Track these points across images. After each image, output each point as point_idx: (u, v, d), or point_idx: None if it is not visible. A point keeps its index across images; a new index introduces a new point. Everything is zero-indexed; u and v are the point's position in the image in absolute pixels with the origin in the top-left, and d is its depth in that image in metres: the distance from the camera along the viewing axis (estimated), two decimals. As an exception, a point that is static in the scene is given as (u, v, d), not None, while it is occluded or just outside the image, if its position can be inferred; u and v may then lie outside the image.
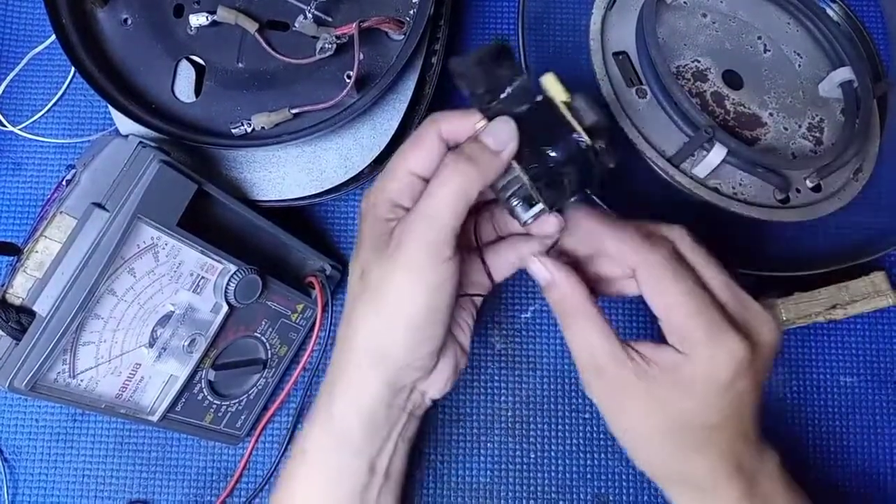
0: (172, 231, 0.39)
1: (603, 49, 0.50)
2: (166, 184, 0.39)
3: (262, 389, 0.48)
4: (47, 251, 0.38)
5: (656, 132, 0.48)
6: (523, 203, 0.35)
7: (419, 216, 0.34)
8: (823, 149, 0.51)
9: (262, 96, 0.45)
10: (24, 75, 0.53)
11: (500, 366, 0.51)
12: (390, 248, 0.34)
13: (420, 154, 0.35)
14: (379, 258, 0.35)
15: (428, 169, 0.36)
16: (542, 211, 0.35)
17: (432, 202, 0.33)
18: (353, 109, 0.43)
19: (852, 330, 0.52)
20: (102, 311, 0.39)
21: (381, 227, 0.36)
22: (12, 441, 0.49)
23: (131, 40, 0.45)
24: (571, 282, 0.36)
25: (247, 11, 0.44)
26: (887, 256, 0.52)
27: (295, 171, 0.47)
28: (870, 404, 0.51)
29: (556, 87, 0.34)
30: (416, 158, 0.35)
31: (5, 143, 0.52)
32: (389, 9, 0.46)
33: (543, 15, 0.52)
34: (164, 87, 0.45)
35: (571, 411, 0.50)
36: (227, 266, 0.43)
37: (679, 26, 0.52)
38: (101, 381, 0.40)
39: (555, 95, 0.34)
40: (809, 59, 0.54)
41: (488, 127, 0.34)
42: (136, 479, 0.49)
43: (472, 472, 0.50)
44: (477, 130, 0.35)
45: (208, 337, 0.44)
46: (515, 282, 0.52)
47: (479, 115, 0.35)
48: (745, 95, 0.51)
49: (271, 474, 0.49)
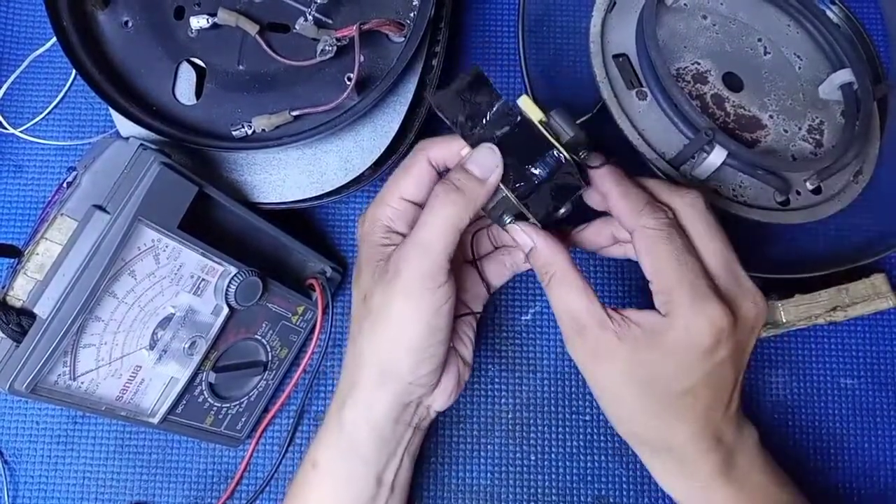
0: (173, 233, 0.39)
1: (603, 51, 0.50)
2: (167, 186, 0.39)
3: (263, 391, 0.48)
4: (48, 253, 0.38)
5: (656, 134, 0.48)
6: (514, 220, 0.37)
7: (413, 246, 0.36)
8: (823, 151, 0.51)
9: (263, 98, 0.45)
10: (25, 78, 0.53)
11: (501, 368, 0.51)
12: (388, 275, 0.36)
13: (411, 181, 0.38)
14: (379, 285, 0.37)
15: (419, 194, 0.38)
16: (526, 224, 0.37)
17: (425, 232, 0.36)
18: (353, 112, 0.43)
19: (853, 332, 0.52)
20: (103, 313, 0.39)
21: (377, 252, 0.38)
22: (13, 443, 0.49)
23: (132, 42, 0.45)
24: (552, 246, 0.37)
25: (247, 13, 0.44)
26: (887, 258, 0.52)
27: (295, 174, 0.47)
28: (870, 406, 0.51)
29: (532, 108, 0.36)
30: (407, 185, 0.38)
31: (6, 146, 0.52)
32: (390, 11, 0.46)
33: (543, 17, 0.52)
34: (164, 90, 0.45)
35: (572, 413, 0.50)
36: (228, 268, 0.43)
37: (679, 28, 0.52)
38: (102, 384, 0.40)
39: (532, 116, 0.36)
40: (809, 62, 0.54)
41: (473, 155, 0.36)
42: (137, 481, 0.49)
43: (473, 475, 0.50)
44: (462, 158, 0.37)
45: (209, 339, 0.44)
46: (516, 284, 0.52)
47: (463, 141, 0.37)
48: (746, 98, 0.51)
49: (272, 476, 0.48)
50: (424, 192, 0.39)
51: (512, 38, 0.55)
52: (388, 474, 0.40)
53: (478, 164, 0.36)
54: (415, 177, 0.38)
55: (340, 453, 0.39)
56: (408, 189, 0.38)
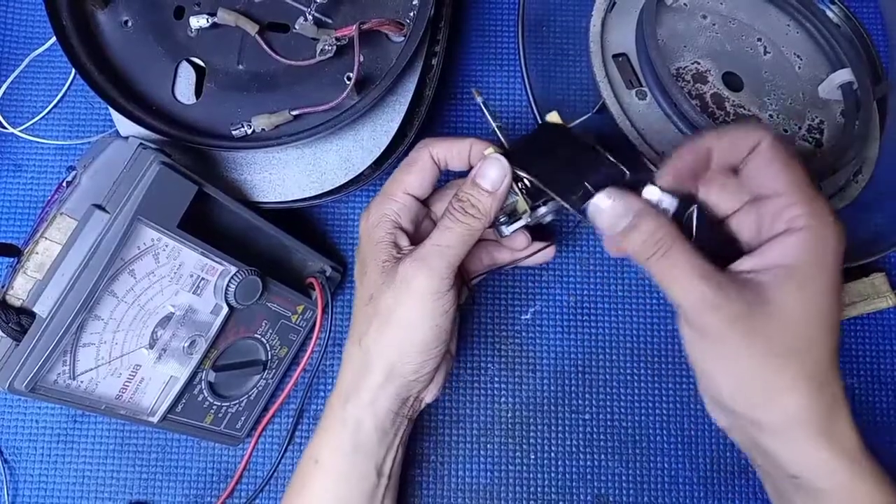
0: (173, 232, 0.39)
1: (603, 51, 0.50)
2: (167, 185, 0.39)
3: (262, 390, 0.48)
4: (47, 252, 0.38)
5: (656, 134, 0.48)
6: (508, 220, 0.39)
7: (429, 255, 0.37)
8: (823, 150, 0.51)
9: (263, 98, 0.45)
10: (25, 77, 0.53)
11: (500, 367, 0.51)
12: (398, 280, 0.37)
13: (415, 177, 0.40)
14: (388, 287, 0.38)
15: (423, 190, 0.40)
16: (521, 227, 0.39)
17: (442, 243, 0.37)
18: (353, 111, 0.43)
19: (852, 331, 0.52)
20: (103, 312, 0.39)
21: (383, 251, 0.39)
22: (12, 442, 0.49)
23: (132, 42, 0.45)
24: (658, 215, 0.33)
25: (247, 13, 0.44)
26: (887, 258, 0.52)
27: (295, 173, 0.47)
28: (870, 406, 0.51)
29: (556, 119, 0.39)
30: (412, 180, 0.40)
31: (6, 145, 0.52)
32: (389, 11, 0.46)
33: (543, 17, 0.52)
34: (164, 89, 0.45)
35: (571, 412, 0.50)
36: (228, 267, 0.43)
37: (679, 28, 0.52)
38: (102, 383, 0.41)
39: None
40: (809, 61, 0.54)
41: (481, 169, 0.37)
42: (136, 480, 0.49)
43: (473, 474, 0.50)
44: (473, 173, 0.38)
45: (208, 338, 0.44)
46: (515, 284, 0.52)
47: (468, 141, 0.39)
48: (745, 97, 0.51)
49: (271, 475, 0.49)
50: (427, 188, 0.40)
51: (512, 38, 0.55)
52: (387, 465, 0.41)
53: (487, 177, 0.37)
54: (419, 172, 0.40)
55: (344, 449, 0.40)
56: (412, 184, 0.40)
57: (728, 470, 0.50)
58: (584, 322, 0.51)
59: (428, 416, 0.50)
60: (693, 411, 0.50)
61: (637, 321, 0.51)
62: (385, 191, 0.40)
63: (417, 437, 0.50)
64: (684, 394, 0.50)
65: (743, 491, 0.49)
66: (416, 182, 0.40)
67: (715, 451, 0.50)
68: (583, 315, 0.51)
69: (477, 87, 0.53)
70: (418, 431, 0.50)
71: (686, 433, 0.50)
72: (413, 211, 0.40)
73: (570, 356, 0.51)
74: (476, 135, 0.53)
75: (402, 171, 0.40)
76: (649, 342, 0.51)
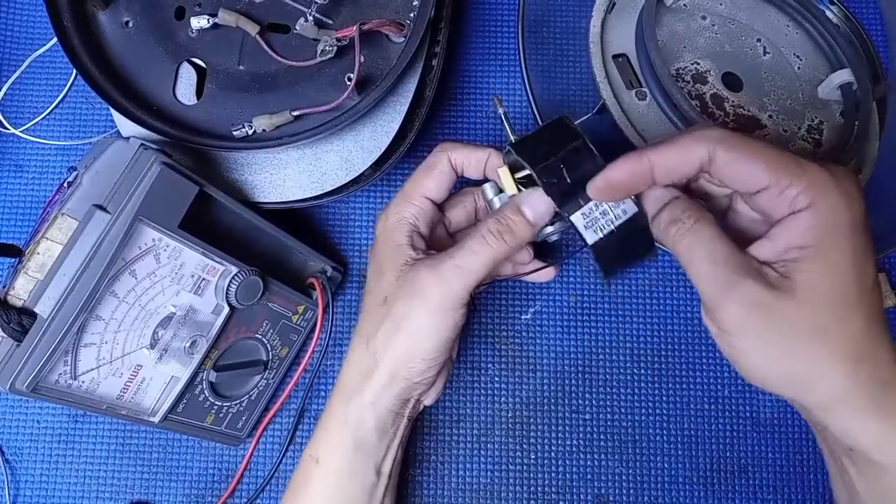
0: (174, 233, 0.39)
1: (603, 51, 0.50)
2: (168, 186, 0.39)
3: (263, 391, 0.48)
4: (49, 253, 0.38)
5: (656, 134, 0.48)
6: None
7: (454, 269, 0.37)
8: (823, 151, 0.51)
9: (264, 98, 0.45)
10: (26, 78, 0.53)
11: (501, 367, 0.51)
12: (416, 289, 0.37)
13: (434, 181, 0.40)
14: (404, 294, 0.38)
15: (440, 194, 0.40)
16: None
17: (470, 260, 0.37)
18: (353, 112, 0.43)
19: (852, 331, 0.52)
20: (104, 312, 0.39)
21: (401, 254, 0.39)
22: (13, 442, 0.49)
23: (133, 43, 0.45)
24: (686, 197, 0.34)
25: (248, 14, 0.45)
26: (888, 258, 0.52)
27: (296, 173, 0.47)
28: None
29: None
30: (431, 184, 0.40)
31: (7, 146, 0.53)
32: (390, 11, 0.46)
33: (543, 18, 0.52)
34: (165, 90, 0.45)
35: (571, 412, 0.50)
36: (229, 268, 0.43)
37: (679, 29, 0.52)
38: (103, 383, 0.41)
39: None
40: (809, 62, 0.54)
41: (528, 199, 0.37)
42: (138, 480, 0.49)
43: (473, 473, 0.50)
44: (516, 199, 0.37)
45: (209, 338, 0.44)
46: (515, 284, 0.52)
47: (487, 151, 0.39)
48: (745, 97, 0.51)
49: (272, 475, 0.49)
50: (444, 193, 0.41)
51: (512, 38, 0.55)
52: (387, 464, 0.42)
53: (532, 209, 0.37)
54: (438, 177, 0.40)
55: (344, 447, 0.40)
56: (431, 188, 0.40)
57: (728, 470, 0.50)
58: (584, 322, 0.51)
59: (428, 416, 0.50)
60: (693, 411, 0.50)
61: (637, 321, 0.51)
62: (404, 193, 0.40)
63: (417, 436, 0.50)
64: (684, 394, 0.50)
65: (743, 491, 0.49)
66: (434, 186, 0.40)
67: (715, 451, 0.50)
68: (583, 315, 0.52)
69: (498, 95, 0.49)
70: (418, 431, 0.50)
71: (686, 433, 0.50)
72: (430, 215, 0.40)
73: (571, 356, 0.51)
74: (476, 135, 0.54)
75: (421, 175, 0.40)
76: (649, 342, 0.51)
